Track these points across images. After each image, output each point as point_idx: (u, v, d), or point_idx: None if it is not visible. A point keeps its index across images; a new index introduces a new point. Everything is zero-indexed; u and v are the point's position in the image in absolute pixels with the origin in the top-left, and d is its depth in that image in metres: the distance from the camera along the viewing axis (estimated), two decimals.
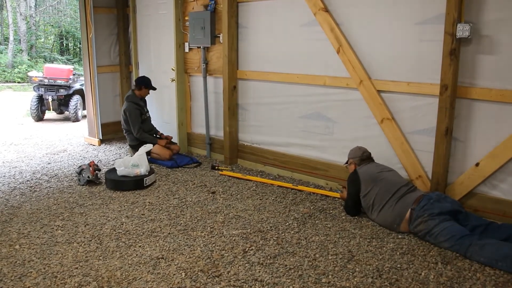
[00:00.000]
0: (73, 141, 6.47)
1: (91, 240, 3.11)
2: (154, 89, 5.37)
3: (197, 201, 3.89)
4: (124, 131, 5.38)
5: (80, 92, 8.48)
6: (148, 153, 5.11)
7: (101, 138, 6.10)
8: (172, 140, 5.44)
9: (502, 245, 2.71)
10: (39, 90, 8.56)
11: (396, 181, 3.35)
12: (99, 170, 4.54)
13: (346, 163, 3.76)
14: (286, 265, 2.73)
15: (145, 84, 5.27)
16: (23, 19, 18.39)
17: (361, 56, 3.84)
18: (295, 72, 4.35)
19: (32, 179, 4.56)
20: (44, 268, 2.71)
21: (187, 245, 3.02)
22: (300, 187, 4.17)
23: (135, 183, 4.19)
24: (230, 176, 4.60)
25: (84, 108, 8.15)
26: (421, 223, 3.02)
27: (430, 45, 3.42)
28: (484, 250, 2.70)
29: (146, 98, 5.42)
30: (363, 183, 3.41)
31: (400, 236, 3.13)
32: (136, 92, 5.28)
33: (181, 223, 3.40)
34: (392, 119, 3.71)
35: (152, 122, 5.53)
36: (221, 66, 4.92)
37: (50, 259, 2.83)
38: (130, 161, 4.30)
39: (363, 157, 3.63)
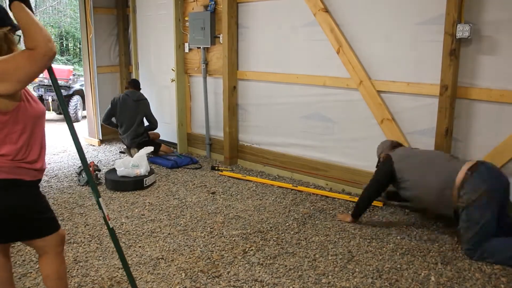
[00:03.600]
0: (73, 142, 6.45)
1: (91, 240, 3.11)
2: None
3: (197, 201, 3.89)
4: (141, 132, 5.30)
5: (80, 93, 8.48)
6: (157, 151, 5.23)
7: (101, 138, 6.10)
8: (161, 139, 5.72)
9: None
10: (39, 91, 8.56)
11: (435, 154, 3.21)
12: (99, 170, 4.54)
13: (378, 162, 3.47)
14: (286, 266, 2.73)
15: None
16: None
17: (361, 56, 3.84)
18: (295, 73, 4.35)
19: None
20: None
21: (187, 245, 3.02)
22: (300, 188, 4.16)
23: (135, 184, 4.19)
24: (230, 176, 4.60)
25: (84, 109, 8.16)
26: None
27: (430, 45, 3.42)
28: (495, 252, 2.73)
29: (147, 97, 5.44)
30: (396, 162, 3.19)
31: (399, 237, 3.13)
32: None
33: (181, 224, 3.40)
34: (392, 120, 3.70)
35: None
36: (221, 67, 4.92)
37: None
38: (130, 162, 4.30)
39: (393, 144, 3.45)
